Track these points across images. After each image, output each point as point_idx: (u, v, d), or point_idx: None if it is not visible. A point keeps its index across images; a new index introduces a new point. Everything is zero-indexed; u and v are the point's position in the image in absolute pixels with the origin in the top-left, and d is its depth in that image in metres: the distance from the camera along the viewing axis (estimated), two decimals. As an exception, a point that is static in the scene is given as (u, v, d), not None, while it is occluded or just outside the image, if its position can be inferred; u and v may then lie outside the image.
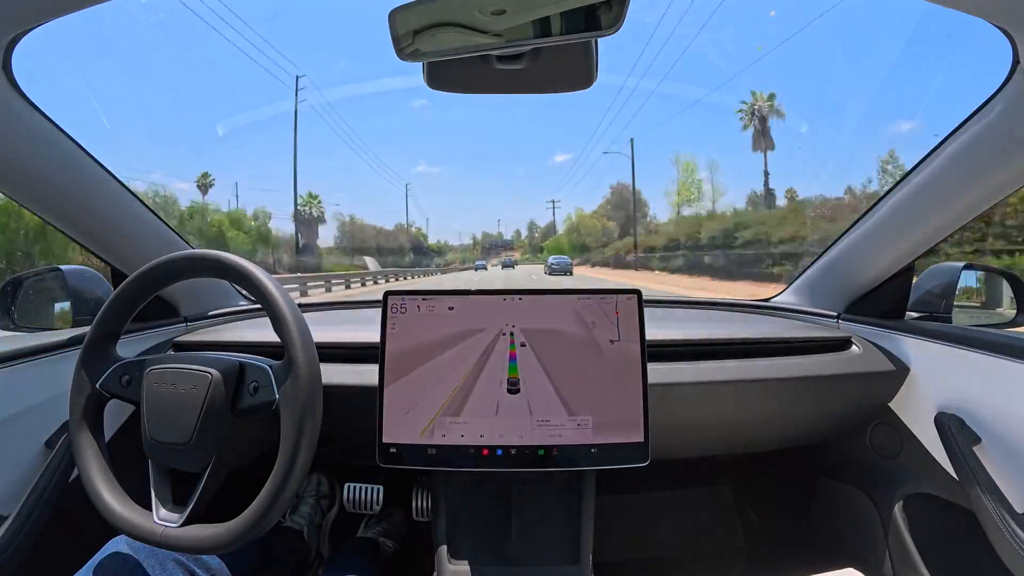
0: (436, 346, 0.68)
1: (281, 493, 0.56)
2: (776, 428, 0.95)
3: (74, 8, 0.54)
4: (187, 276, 0.66)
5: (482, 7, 0.49)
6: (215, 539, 0.57)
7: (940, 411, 0.77)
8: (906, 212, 0.82)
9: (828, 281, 1.03)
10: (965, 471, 0.71)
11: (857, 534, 0.94)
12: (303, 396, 0.58)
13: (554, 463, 0.66)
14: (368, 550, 1.04)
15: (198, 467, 0.60)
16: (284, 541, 1.00)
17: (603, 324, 0.69)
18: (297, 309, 0.61)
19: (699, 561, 1.22)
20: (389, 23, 0.51)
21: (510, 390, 0.67)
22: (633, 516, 1.26)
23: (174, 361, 0.64)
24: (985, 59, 0.64)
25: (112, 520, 0.59)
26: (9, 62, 0.60)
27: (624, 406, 0.67)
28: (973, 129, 0.68)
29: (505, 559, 0.69)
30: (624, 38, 0.63)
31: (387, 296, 0.69)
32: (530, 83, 0.63)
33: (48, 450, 0.73)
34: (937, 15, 15.96)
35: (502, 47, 0.53)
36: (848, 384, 0.85)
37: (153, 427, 0.61)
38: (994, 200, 0.72)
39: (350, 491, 0.98)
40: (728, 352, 0.86)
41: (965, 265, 0.88)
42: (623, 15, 0.48)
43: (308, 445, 0.57)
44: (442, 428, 0.66)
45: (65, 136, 0.71)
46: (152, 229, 0.90)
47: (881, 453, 0.90)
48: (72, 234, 0.81)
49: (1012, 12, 0.53)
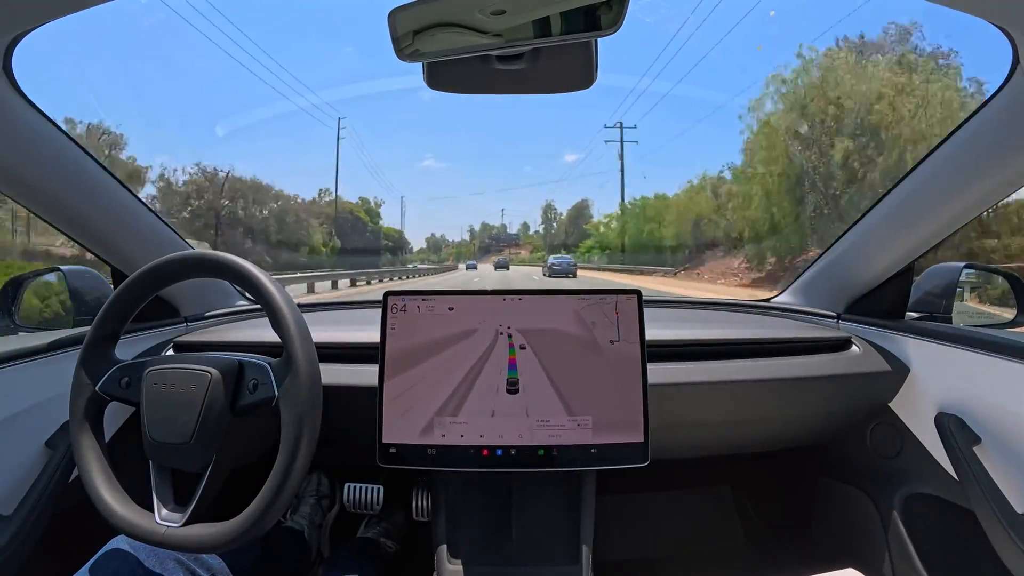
0: (436, 346, 0.68)
1: (281, 492, 0.56)
2: (776, 428, 0.95)
3: (74, 8, 0.54)
4: (187, 276, 0.66)
5: (482, 7, 0.49)
6: (216, 538, 0.57)
7: (940, 411, 0.77)
8: (906, 212, 0.82)
9: (828, 281, 1.03)
10: (965, 471, 0.71)
11: (857, 534, 0.94)
12: (303, 392, 0.58)
13: (554, 463, 0.66)
14: (368, 550, 1.04)
15: (198, 467, 0.60)
16: (285, 541, 1.00)
17: (603, 324, 0.69)
18: (296, 308, 0.61)
19: (699, 561, 1.22)
20: (389, 23, 0.51)
21: (510, 390, 0.67)
22: (633, 516, 1.26)
23: (173, 361, 0.64)
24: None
25: (113, 520, 0.59)
26: (9, 62, 0.60)
27: (624, 406, 0.67)
28: (973, 129, 0.68)
29: (505, 559, 0.69)
30: (626, 38, 0.62)
31: (387, 296, 0.70)
32: (530, 83, 0.63)
33: (48, 450, 0.73)
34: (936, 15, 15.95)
35: (502, 47, 0.53)
36: (848, 384, 0.85)
37: (153, 427, 0.61)
38: (994, 200, 0.72)
39: (350, 491, 0.98)
40: (728, 352, 0.86)
41: (965, 265, 0.89)
42: (623, 15, 0.48)
43: (308, 442, 0.57)
44: (442, 428, 0.66)
45: (65, 136, 0.71)
46: (152, 229, 0.90)
47: (881, 453, 0.90)
48: (72, 234, 0.81)
49: (1012, 12, 0.53)
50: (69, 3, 0.53)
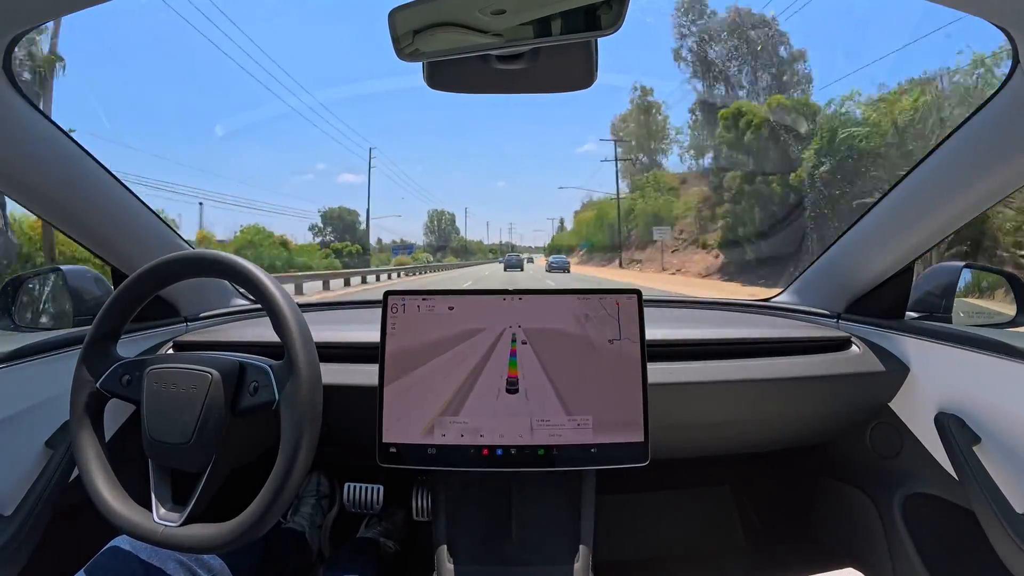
0: (436, 346, 0.68)
1: (281, 493, 0.56)
2: (776, 428, 0.95)
3: (74, 8, 0.54)
4: (187, 276, 0.66)
5: (482, 7, 0.49)
6: (215, 538, 0.57)
7: (940, 411, 0.77)
8: (906, 212, 0.81)
9: (827, 281, 1.03)
10: (965, 471, 0.71)
11: (857, 534, 0.94)
12: (304, 396, 0.58)
13: (554, 463, 0.66)
14: (369, 550, 1.04)
15: (198, 467, 0.60)
16: (285, 542, 1.00)
17: (603, 324, 0.69)
18: (297, 309, 0.61)
19: (699, 561, 1.22)
20: (389, 23, 0.51)
21: (510, 390, 0.67)
22: (633, 516, 1.26)
23: (174, 361, 0.64)
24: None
25: (113, 519, 0.59)
26: (9, 62, 0.60)
27: (624, 406, 0.67)
28: (973, 129, 0.68)
29: (505, 559, 0.69)
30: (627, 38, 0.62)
31: (387, 296, 0.70)
32: (530, 83, 0.63)
33: (48, 450, 0.73)
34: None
35: (502, 47, 0.53)
36: (848, 384, 0.85)
37: (153, 427, 0.61)
38: (994, 200, 0.72)
39: (350, 491, 0.98)
40: (728, 352, 0.86)
41: (965, 265, 0.88)
42: (623, 15, 0.48)
43: (308, 445, 0.57)
44: (442, 428, 0.66)
45: (65, 136, 0.71)
46: (152, 229, 0.90)
47: (881, 453, 0.90)
48: (72, 234, 0.81)
49: (1012, 12, 0.53)
50: (69, 3, 0.53)
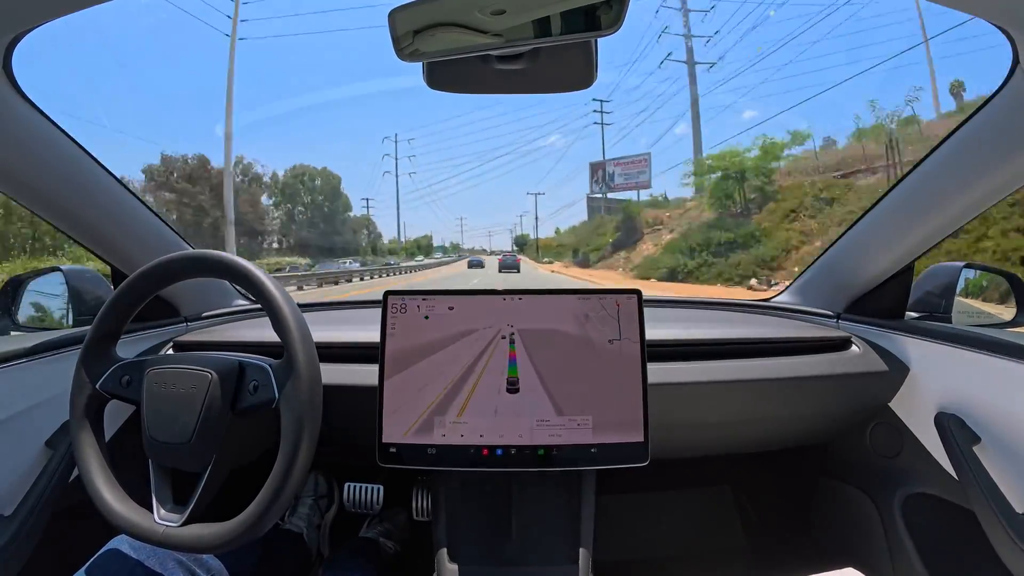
0: (436, 346, 0.68)
1: (281, 492, 0.56)
2: (776, 428, 0.95)
3: (74, 8, 0.54)
4: (187, 276, 0.66)
5: (482, 7, 0.49)
6: (215, 538, 0.57)
7: (940, 411, 0.77)
8: (906, 212, 0.81)
9: (828, 281, 1.03)
10: (965, 471, 0.70)
11: (857, 534, 0.94)
12: (303, 395, 0.58)
13: (554, 463, 0.66)
14: (369, 550, 1.04)
15: (198, 467, 0.60)
16: (285, 542, 1.00)
17: (603, 324, 0.69)
18: (297, 309, 0.61)
19: (699, 561, 1.22)
20: (389, 23, 0.51)
21: (510, 390, 0.67)
22: (633, 516, 1.26)
23: (174, 361, 0.64)
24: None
25: (112, 520, 0.59)
26: (9, 62, 0.60)
27: (624, 406, 0.67)
28: (973, 128, 0.68)
29: (505, 559, 0.69)
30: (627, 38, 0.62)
31: (387, 296, 0.70)
32: (530, 83, 0.63)
33: (48, 450, 0.73)
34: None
35: (502, 47, 0.53)
36: (848, 384, 0.85)
37: (153, 427, 0.61)
38: (994, 200, 0.72)
39: (350, 491, 0.98)
40: (728, 352, 0.86)
41: (965, 265, 0.88)
42: (623, 15, 0.48)
43: (308, 445, 0.57)
44: (442, 428, 0.66)
45: (65, 136, 0.71)
46: (152, 229, 0.90)
47: (881, 453, 0.90)
48: (72, 234, 0.81)
49: (1012, 12, 0.53)
50: (69, 3, 0.53)
